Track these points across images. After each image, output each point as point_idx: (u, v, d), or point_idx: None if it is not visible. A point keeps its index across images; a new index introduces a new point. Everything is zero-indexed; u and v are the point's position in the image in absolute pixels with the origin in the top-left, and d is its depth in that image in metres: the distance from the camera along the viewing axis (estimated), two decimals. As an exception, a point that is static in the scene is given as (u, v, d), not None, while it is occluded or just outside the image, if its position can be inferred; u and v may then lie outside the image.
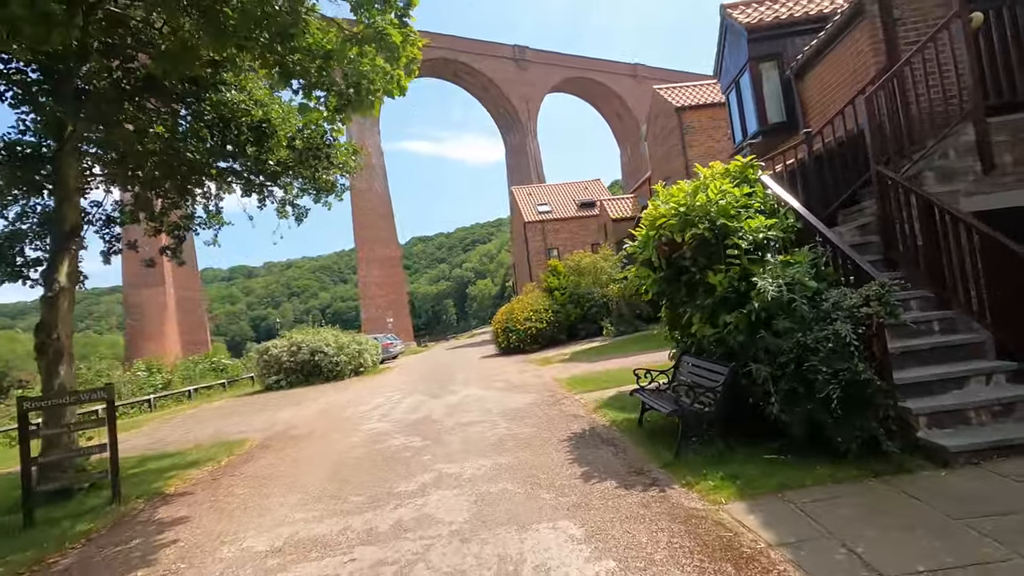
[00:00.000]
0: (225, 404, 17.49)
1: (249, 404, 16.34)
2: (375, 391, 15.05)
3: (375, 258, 57.43)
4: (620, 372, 11.70)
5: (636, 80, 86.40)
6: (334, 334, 21.73)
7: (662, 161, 19.32)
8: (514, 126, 75.88)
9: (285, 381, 20.48)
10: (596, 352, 17.06)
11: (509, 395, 10.85)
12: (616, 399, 8.73)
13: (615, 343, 18.48)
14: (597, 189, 38.85)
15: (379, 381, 18.06)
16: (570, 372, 13.19)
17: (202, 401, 20.45)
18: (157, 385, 20.28)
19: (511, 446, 6.65)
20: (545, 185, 39.74)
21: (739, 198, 5.65)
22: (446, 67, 70.83)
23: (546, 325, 21.34)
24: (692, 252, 5.69)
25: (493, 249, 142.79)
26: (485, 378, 14.38)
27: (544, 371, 14.31)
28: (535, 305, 21.92)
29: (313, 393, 16.96)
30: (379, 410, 11.17)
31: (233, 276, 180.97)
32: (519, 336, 21.14)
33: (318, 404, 13.79)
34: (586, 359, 15.74)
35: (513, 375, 14.31)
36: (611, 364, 13.67)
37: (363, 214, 57.31)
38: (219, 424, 12.48)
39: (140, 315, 48.57)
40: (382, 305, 57.34)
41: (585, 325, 22.35)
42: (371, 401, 12.84)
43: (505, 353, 21.83)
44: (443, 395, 12.22)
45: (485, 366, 18.20)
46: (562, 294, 22.80)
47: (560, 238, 35.18)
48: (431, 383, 15.08)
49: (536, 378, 13.02)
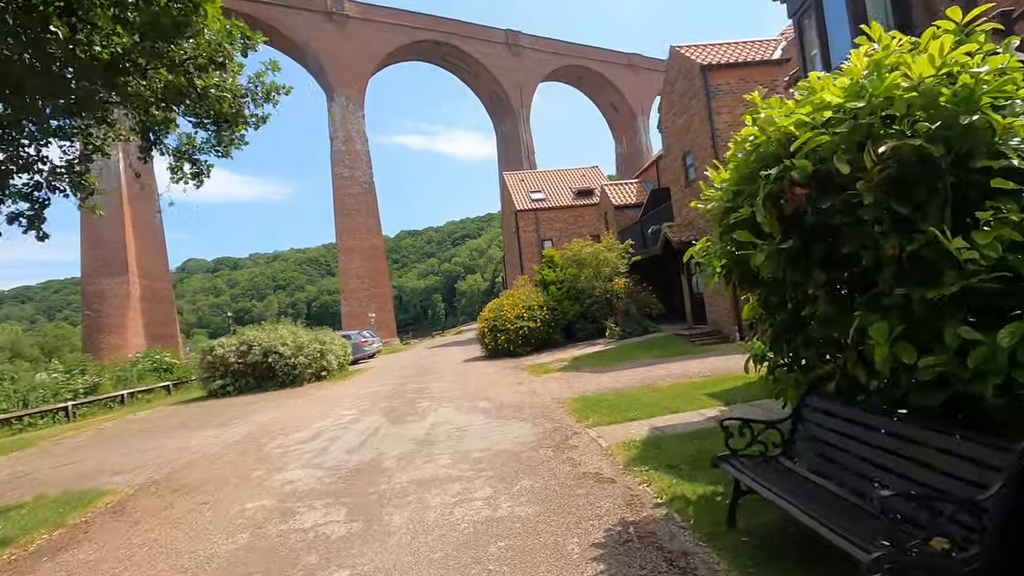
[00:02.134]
0: (149, 416, 14.33)
1: (172, 418, 13.21)
2: (328, 405, 12.00)
3: (357, 248, 54.10)
4: (644, 391, 8.75)
5: (633, 70, 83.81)
6: (292, 331, 18.59)
7: (680, 134, 16.44)
8: (506, 114, 72.70)
9: (233, 386, 17.32)
10: (602, 359, 14.13)
11: (495, 426, 7.86)
12: (656, 444, 5.79)
13: (623, 347, 15.57)
14: (595, 176, 35.89)
15: (339, 390, 14.99)
16: (575, 387, 10.24)
17: (137, 408, 17.24)
18: (78, 390, 17.04)
19: (498, 556, 3.67)
20: (539, 171, 36.75)
21: (994, 74, 2.62)
22: (435, 51, 67.39)
23: (540, 324, 18.39)
24: (882, 190, 2.68)
25: (483, 244, 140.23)
26: (466, 394, 11.39)
27: (540, 384, 11.35)
28: (527, 301, 18.96)
29: (257, 404, 13.86)
30: (316, 441, 8.13)
31: (218, 267, 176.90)
32: (508, 337, 18.17)
33: (248, 425, 10.71)
34: (591, 368, 12.80)
35: (501, 389, 11.33)
36: (625, 376, 10.72)
37: (345, 201, 53.96)
38: (106, 454, 9.36)
39: (99, 306, 44.82)
40: (363, 299, 54.08)
41: (584, 325, 19.44)
42: (314, 423, 9.79)
43: (492, 356, 18.84)
44: (407, 419, 9.21)
45: (468, 374, 15.19)
46: (559, 288, 19.86)
47: (555, 228, 32.20)
48: (399, 396, 12.06)
49: (531, 395, 10.04)
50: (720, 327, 15.15)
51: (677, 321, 19.97)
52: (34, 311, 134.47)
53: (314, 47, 54.53)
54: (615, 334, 17.59)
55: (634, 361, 13.02)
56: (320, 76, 56.81)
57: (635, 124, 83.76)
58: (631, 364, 12.63)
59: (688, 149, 16.08)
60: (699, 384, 8.90)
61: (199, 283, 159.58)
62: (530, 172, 37.04)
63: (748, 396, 7.54)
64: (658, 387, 9.11)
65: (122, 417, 14.88)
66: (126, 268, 46.48)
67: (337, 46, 55.83)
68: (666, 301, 19.58)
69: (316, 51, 54.65)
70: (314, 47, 54.53)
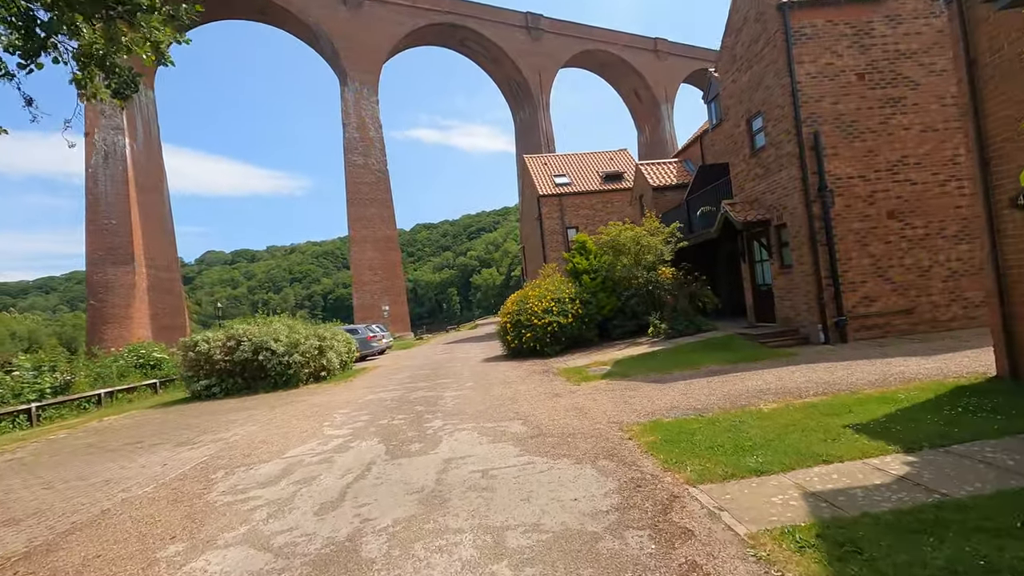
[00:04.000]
0: (113, 425, 12.11)
1: (137, 428, 10.94)
2: (317, 419, 9.60)
3: (370, 238, 51.97)
4: (744, 417, 6.17)
5: (657, 56, 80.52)
6: (288, 325, 16.28)
7: (745, 93, 13.68)
8: (525, 101, 69.91)
9: (219, 387, 15.10)
10: (654, 363, 11.52)
11: (539, 470, 5.35)
12: (842, 535, 3.20)
13: (675, 349, 12.94)
14: (624, 160, 33.06)
15: (337, 396, 12.61)
16: (636, 405, 7.68)
17: (112, 410, 15.12)
18: (45, 389, 14.94)
19: None
20: (563, 154, 34.02)
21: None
22: (452, 34, 64.78)
23: (571, 320, 15.80)
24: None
25: (499, 237, 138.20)
26: (490, 408, 8.89)
27: (585, 397, 8.80)
28: (557, 293, 16.38)
29: (238, 413, 11.56)
30: (281, 484, 5.71)
31: (236, 260, 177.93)
32: (535, 334, 15.62)
33: (213, 445, 8.35)
34: (645, 375, 10.20)
35: (535, 403, 8.80)
36: (699, 390, 8.12)
37: (357, 190, 51.84)
38: (18, 487, 7.06)
39: (104, 296, 43.30)
40: (376, 291, 52.01)
41: (622, 321, 16.81)
42: (291, 448, 7.39)
43: (515, 356, 16.34)
44: (412, 447, 6.74)
45: (489, 379, 12.70)
46: (592, 279, 17.24)
47: (580, 215, 29.51)
48: (404, 409, 9.61)
49: (578, 415, 7.51)
50: (796, 325, 12.45)
51: (733, 317, 17.24)
52: (57, 301, 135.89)
53: (327, 30, 52.36)
54: (661, 332, 14.94)
55: (697, 368, 10.40)
56: (334, 60, 54.72)
57: (659, 112, 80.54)
58: (697, 372, 10.02)
59: (756, 111, 13.33)
60: (819, 408, 6.28)
61: (217, 275, 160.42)
62: (553, 155, 34.34)
63: (929, 433, 4.93)
64: (761, 411, 6.51)
65: (84, 424, 12.70)
66: (132, 257, 44.93)
67: (351, 28, 53.61)
68: (718, 294, 16.87)
69: (329, 34, 52.47)
70: (327, 30, 52.36)
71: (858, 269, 11.73)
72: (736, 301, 17.87)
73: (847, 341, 11.49)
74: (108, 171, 44.21)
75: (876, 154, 11.88)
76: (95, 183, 43.49)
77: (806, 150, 11.76)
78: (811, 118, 11.83)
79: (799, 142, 11.80)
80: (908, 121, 11.94)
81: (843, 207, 11.77)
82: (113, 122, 44.61)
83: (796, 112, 11.79)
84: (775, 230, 13.09)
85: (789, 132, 12.03)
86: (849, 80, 11.96)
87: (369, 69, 54.53)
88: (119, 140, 44.84)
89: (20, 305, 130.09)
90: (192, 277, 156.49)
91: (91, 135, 43.66)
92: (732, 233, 14.67)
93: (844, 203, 11.78)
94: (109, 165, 44.24)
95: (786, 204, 12.43)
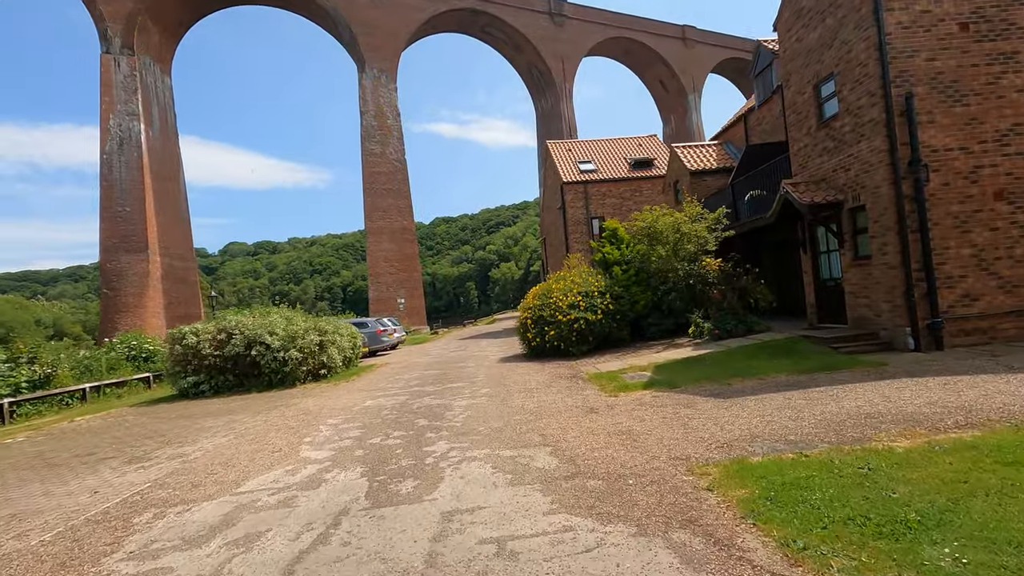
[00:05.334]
0: (78, 427, 10.68)
1: (100, 434, 9.44)
2: (298, 432, 7.95)
3: (386, 229, 50.59)
4: (873, 459, 4.21)
5: (685, 44, 77.62)
6: (287, 317, 14.73)
7: (812, 53, 11.54)
8: (547, 89, 67.77)
9: (208, 385, 13.63)
10: (704, 370, 9.61)
11: (580, 538, 3.59)
12: None
13: (727, 353, 11.00)
14: (654, 146, 30.89)
15: (331, 399, 10.98)
16: (701, 428, 5.82)
17: (93, 408, 13.78)
18: (20, 383, 13.65)
19: None
20: (589, 140, 31.97)
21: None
22: (474, 21, 62.90)
23: (600, 316, 13.92)
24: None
25: (518, 232, 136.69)
26: (508, 424, 7.11)
27: (626, 412, 6.96)
28: (585, 286, 14.51)
29: (217, 418, 10.00)
30: (213, 545, 4.04)
31: (258, 251, 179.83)
32: (559, 332, 13.80)
33: (166, 463, 6.75)
34: (697, 385, 8.30)
35: (565, 420, 6.99)
36: (779, 411, 6.20)
37: (374, 179, 50.47)
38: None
39: (117, 284, 42.68)
40: (392, 283, 50.69)
41: (658, 319, 14.88)
42: (249, 478, 5.72)
43: (536, 356, 14.54)
44: (403, 486, 5.01)
45: (507, 384, 10.92)
46: (624, 271, 15.32)
47: (607, 204, 27.49)
48: (403, 423, 7.90)
49: (624, 442, 5.69)
50: (874, 327, 10.41)
51: (785, 317, 15.16)
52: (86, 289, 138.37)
53: (345, 16, 50.93)
54: (705, 333, 13.00)
55: (763, 379, 8.48)
56: (352, 47, 53.33)
57: (685, 103, 77.71)
58: (763, 384, 8.10)
59: (828, 73, 11.24)
60: (985, 450, 4.35)
61: (239, 266, 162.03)
62: (578, 141, 32.30)
63: None
64: (892, 451, 4.60)
65: (53, 425, 11.31)
66: (146, 245, 44.22)
67: (369, 14, 52.13)
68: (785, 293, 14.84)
69: (347, 19, 51.04)
70: (345, 16, 50.93)
71: (957, 261, 9.64)
72: (789, 298, 15.79)
73: (942, 348, 9.43)
74: (123, 158, 43.50)
75: (981, 122, 9.75)
76: (110, 170, 42.83)
77: (895, 117, 9.68)
78: (902, 77, 9.74)
79: (886, 107, 9.72)
80: (1023, 82, 9.78)
81: (939, 186, 9.68)
82: (128, 108, 43.88)
83: (884, 70, 9.72)
84: (848, 214, 11.04)
85: (873, 95, 9.95)
86: (950, 31, 9.83)
87: (388, 56, 53.02)
88: (134, 126, 44.07)
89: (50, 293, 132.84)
90: (215, 268, 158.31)
91: (106, 121, 42.99)
92: (788, 220, 12.65)
93: (941, 181, 9.69)
94: (124, 152, 43.51)
95: (865, 183, 10.37)
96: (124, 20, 43.69)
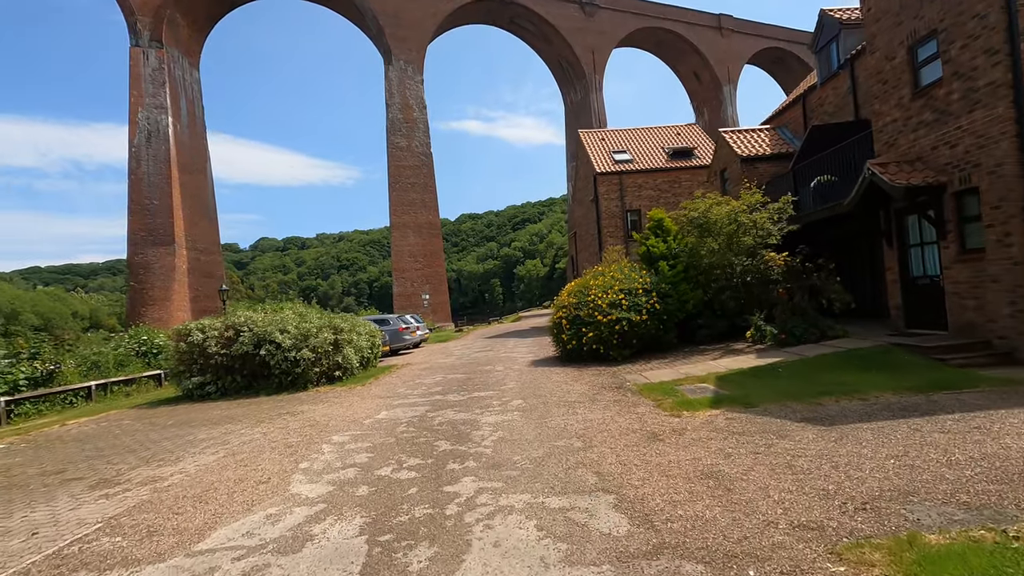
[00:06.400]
0: (65, 434, 9.64)
1: (77, 445, 8.33)
2: (295, 454, 6.65)
3: (411, 224, 49.64)
4: None
5: (721, 33, 74.73)
6: (300, 314, 13.57)
7: (904, 10, 9.76)
8: (576, 81, 65.88)
9: (214, 386, 12.56)
10: (778, 381, 7.97)
11: None
12: None
13: (804, 362, 9.31)
14: (694, 135, 28.93)
15: (342, 408, 9.70)
16: (816, 473, 4.23)
17: (99, 407, 12.89)
18: (19, 380, 12.83)
19: None
20: (624, 129, 30.21)
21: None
22: (502, 12, 61.44)
23: (645, 317, 12.34)
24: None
25: (543, 228, 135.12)
26: (550, 454, 5.66)
27: (700, 442, 5.41)
28: (627, 282, 12.93)
29: (211, 430, 8.82)
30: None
31: (287, 247, 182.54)
32: (599, 333, 12.26)
33: (127, 496, 5.52)
34: (778, 402, 6.65)
35: (627, 458, 5.46)
36: (911, 440, 4.51)
37: (400, 173, 49.56)
38: None
39: (144, 276, 42.74)
40: (417, 279, 49.73)
41: (709, 320, 13.22)
42: (218, 526, 4.40)
43: (571, 360, 13.04)
44: (416, 561, 3.62)
45: (543, 395, 9.47)
46: (671, 266, 13.69)
47: (643, 196, 25.73)
48: (421, 444, 6.52)
49: (717, 495, 4.16)
50: (986, 335, 8.61)
51: (860, 319, 13.28)
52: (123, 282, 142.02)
53: (372, 6, 50.03)
54: (767, 337, 11.30)
55: (863, 398, 6.81)
56: (378, 39, 52.47)
57: (720, 95, 74.80)
58: (868, 404, 6.45)
59: (928, 31, 9.42)
60: None
61: (269, 261, 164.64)
62: (612, 130, 30.53)
63: None
64: None
65: (42, 429, 10.32)
66: (173, 238, 44.16)
67: (396, 3, 51.15)
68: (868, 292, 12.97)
69: (374, 9, 50.15)
70: (372, 6, 50.03)
71: (1102, 255, 7.80)
72: (861, 298, 13.91)
73: (1083, 363, 7.62)
74: (151, 151, 43.49)
75: None
76: (138, 163, 42.87)
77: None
78: (1034, 29, 7.91)
79: (1013, 65, 7.92)
80: None
81: (1081, 162, 7.84)
82: (156, 101, 43.83)
83: (1011, 20, 7.90)
84: (952, 199, 9.22)
85: (994, 52, 8.15)
86: (1096, -30, 7.95)
87: (414, 47, 52.01)
88: (162, 119, 44.01)
89: (90, 286, 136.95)
90: (246, 263, 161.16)
91: (135, 114, 43.02)
92: (869, 208, 10.84)
93: (1082, 156, 7.84)
94: (152, 145, 43.50)
95: (980, 160, 8.56)
96: (153, 13, 43.64)
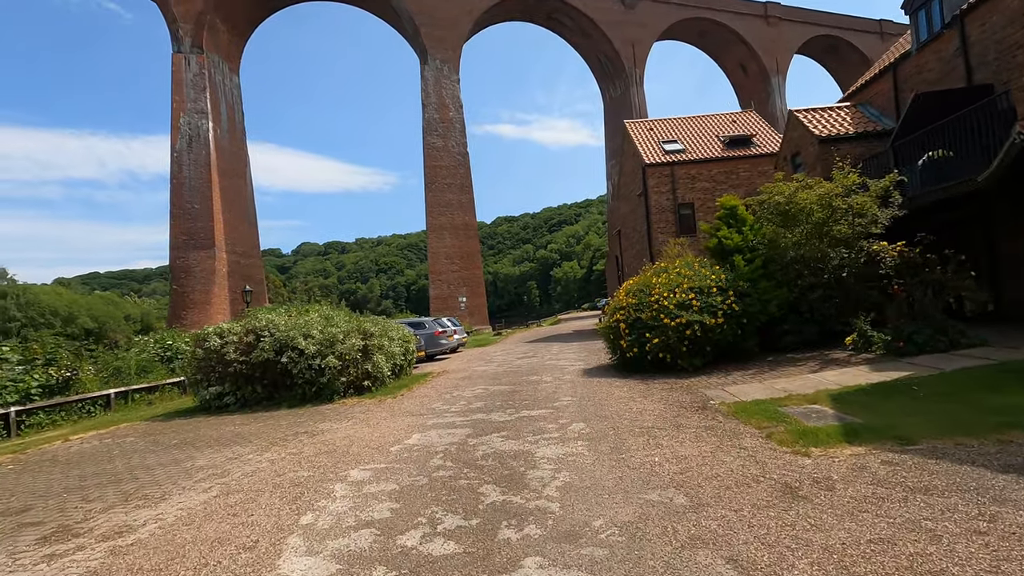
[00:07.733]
0: (58, 455, 8.56)
1: (66, 470, 7.16)
2: (307, 496, 5.20)
3: (448, 226, 48.62)
4: None
5: (767, 22, 71.20)
6: (326, 317, 12.27)
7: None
8: (615, 76, 63.68)
9: (233, 396, 11.39)
10: (924, 404, 5.97)
11: None
12: None
13: (942, 377, 7.26)
14: (751, 122, 26.59)
15: (367, 429, 8.25)
16: None
17: (120, 416, 11.97)
18: (32, 388, 12.00)
19: None
20: (674, 118, 28.12)
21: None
22: (539, 7, 59.97)
23: (721, 320, 10.44)
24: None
25: (580, 230, 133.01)
26: (643, 516, 3.97)
27: (861, 501, 3.54)
28: (698, 279, 11.07)
29: (216, 455, 7.51)
30: None
31: (328, 251, 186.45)
32: (665, 339, 10.43)
33: (86, 554, 4.16)
34: (945, 438, 4.60)
35: (773, 537, 3.66)
36: None
37: (436, 173, 48.64)
38: None
39: (185, 280, 43.14)
40: (454, 281, 48.63)
41: (796, 324, 11.19)
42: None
43: (630, 369, 11.25)
44: None
45: (612, 420, 7.75)
46: (748, 261, 11.73)
47: (697, 188, 23.61)
48: (461, 491, 4.95)
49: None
50: None
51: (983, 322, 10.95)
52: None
53: (407, 6, 49.42)
54: (876, 345, 9.25)
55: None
56: (414, 39, 51.88)
57: (768, 86, 71.19)
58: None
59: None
60: None
61: (311, 265, 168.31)
62: (661, 119, 28.46)
63: None
64: None
65: (41, 446, 9.30)
66: (213, 242, 44.46)
67: (432, 2, 50.40)
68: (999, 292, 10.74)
69: (409, 10, 49.53)
70: (407, 6, 49.42)
71: None
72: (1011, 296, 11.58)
73: None
74: (192, 156, 43.93)
75: None
76: (179, 168, 43.35)
77: None
78: None
79: None
80: None
81: None
82: (197, 106, 44.26)
83: None
84: None
85: None
86: None
87: (450, 46, 51.13)
88: (203, 124, 44.42)
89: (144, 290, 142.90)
90: (289, 267, 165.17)
91: (176, 119, 43.54)
92: (1004, 184, 8.67)
93: None
94: (193, 149, 43.95)
95: None
96: (194, 19, 44.12)
